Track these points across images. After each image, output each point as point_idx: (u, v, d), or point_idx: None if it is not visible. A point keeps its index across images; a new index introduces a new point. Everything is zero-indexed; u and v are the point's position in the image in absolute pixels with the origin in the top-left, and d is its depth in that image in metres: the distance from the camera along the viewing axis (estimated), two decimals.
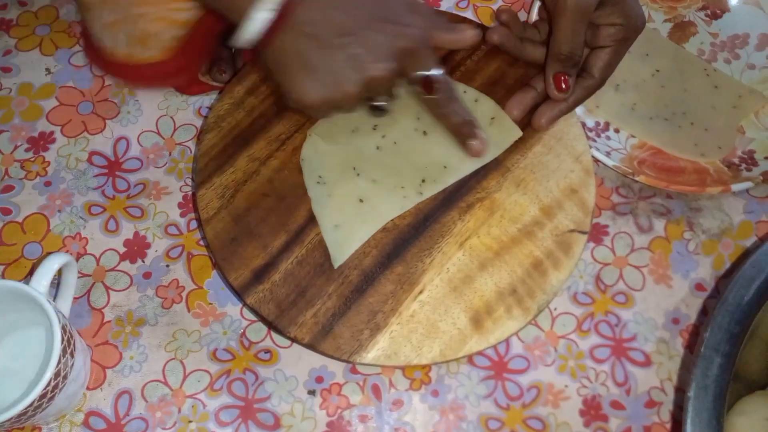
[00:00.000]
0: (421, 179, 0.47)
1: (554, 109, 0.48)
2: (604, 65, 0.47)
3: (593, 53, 0.47)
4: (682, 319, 0.49)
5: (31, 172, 0.53)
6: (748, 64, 0.56)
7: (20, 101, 0.56)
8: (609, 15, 0.45)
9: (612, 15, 0.45)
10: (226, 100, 0.50)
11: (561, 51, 0.46)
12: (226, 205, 0.47)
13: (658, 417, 0.46)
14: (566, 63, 0.46)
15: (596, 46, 0.46)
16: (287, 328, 0.44)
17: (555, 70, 0.46)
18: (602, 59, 0.46)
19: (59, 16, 0.59)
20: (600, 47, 0.46)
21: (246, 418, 0.46)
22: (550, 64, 0.46)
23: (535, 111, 0.48)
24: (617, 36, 0.45)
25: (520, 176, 0.47)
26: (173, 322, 0.48)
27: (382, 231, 0.46)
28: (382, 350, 0.43)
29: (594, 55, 0.47)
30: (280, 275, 0.45)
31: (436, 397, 0.46)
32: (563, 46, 0.45)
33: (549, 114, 0.48)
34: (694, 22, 0.58)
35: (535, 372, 0.47)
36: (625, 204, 0.52)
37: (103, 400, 0.46)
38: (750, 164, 0.52)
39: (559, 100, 0.47)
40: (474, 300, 0.44)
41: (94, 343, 0.48)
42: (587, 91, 0.47)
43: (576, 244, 0.46)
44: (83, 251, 0.51)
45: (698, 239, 0.51)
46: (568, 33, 0.45)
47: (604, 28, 0.46)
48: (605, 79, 0.47)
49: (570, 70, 0.46)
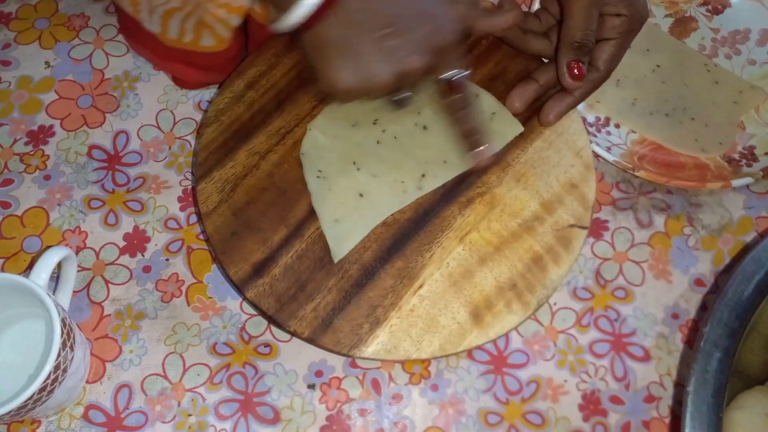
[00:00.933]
0: (422, 174, 0.47)
1: (561, 103, 0.47)
2: (610, 58, 0.46)
3: (598, 46, 0.46)
4: (682, 315, 0.49)
5: (30, 165, 0.53)
6: (749, 59, 0.56)
7: (19, 94, 0.56)
8: (615, 5, 0.45)
9: (618, 5, 0.44)
10: (226, 94, 0.50)
11: (574, 38, 0.45)
12: (226, 199, 0.47)
13: (657, 412, 0.46)
14: (580, 50, 0.45)
15: (601, 38, 0.46)
16: (287, 322, 0.44)
17: (569, 58, 0.46)
18: (607, 52, 0.46)
19: (58, 9, 0.59)
20: (605, 39, 0.46)
21: (246, 412, 0.46)
22: (563, 52, 0.46)
23: (542, 107, 0.48)
24: (622, 27, 0.45)
25: (521, 171, 0.47)
26: (173, 315, 0.48)
27: (382, 225, 0.46)
28: (382, 344, 0.43)
29: (599, 48, 0.46)
30: (280, 269, 0.45)
31: (436, 391, 0.46)
32: (577, 33, 0.45)
33: (557, 109, 0.47)
34: (695, 17, 0.58)
35: (534, 366, 0.47)
36: (626, 199, 0.52)
37: (102, 394, 0.46)
38: (750, 160, 0.52)
39: (572, 90, 0.47)
40: (474, 294, 0.44)
41: (93, 336, 0.48)
42: (593, 84, 0.47)
43: (576, 239, 0.46)
44: (83, 245, 0.50)
45: (698, 235, 0.51)
46: (581, 19, 0.45)
47: (609, 19, 0.45)
48: (611, 71, 0.47)
49: (583, 58, 0.46)
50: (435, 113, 0.49)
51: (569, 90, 0.47)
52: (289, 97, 0.50)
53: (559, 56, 0.46)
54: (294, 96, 0.50)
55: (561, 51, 0.46)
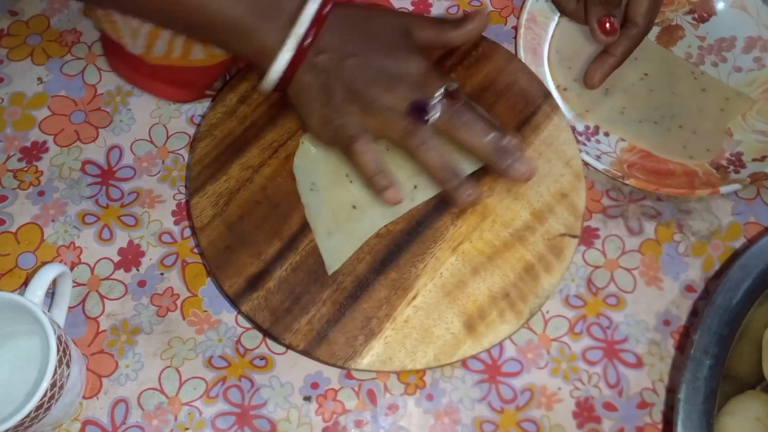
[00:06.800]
0: (414, 185, 0.47)
1: (604, 64, 0.48)
2: (646, 10, 0.46)
3: (631, 2, 0.46)
4: (673, 321, 0.49)
5: (24, 181, 0.53)
6: (735, 66, 0.57)
7: (12, 111, 0.56)
8: None
9: None
10: (218, 109, 0.50)
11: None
12: (219, 213, 0.47)
13: (650, 418, 0.46)
14: (608, 4, 0.45)
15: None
16: (282, 335, 0.44)
17: (598, 15, 0.46)
18: (643, 4, 0.46)
19: (50, 25, 0.59)
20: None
21: (242, 425, 0.46)
22: (592, 9, 0.46)
23: (587, 71, 0.48)
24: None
25: (512, 181, 0.48)
26: (168, 330, 0.49)
27: (376, 237, 0.46)
28: (377, 356, 0.43)
29: (634, 3, 0.46)
30: (275, 282, 0.45)
31: (431, 401, 0.47)
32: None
33: (601, 70, 0.48)
34: (681, 25, 0.59)
35: (528, 375, 0.47)
36: (616, 207, 0.52)
37: (99, 409, 0.46)
38: (738, 166, 0.52)
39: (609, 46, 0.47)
40: (467, 305, 0.45)
41: (89, 352, 0.48)
42: (633, 40, 0.47)
43: (567, 248, 0.46)
44: (77, 260, 0.51)
45: (688, 241, 0.51)
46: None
47: None
48: (650, 25, 0.47)
49: (614, 11, 0.45)
50: None
51: (609, 49, 0.47)
52: (281, 111, 0.50)
53: (588, 15, 0.46)
54: (286, 109, 0.50)
55: (589, 9, 0.46)
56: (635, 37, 0.47)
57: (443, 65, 0.51)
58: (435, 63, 0.45)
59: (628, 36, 0.47)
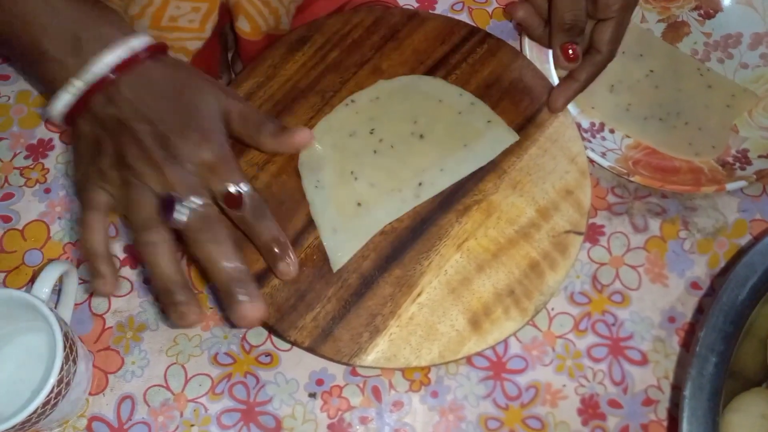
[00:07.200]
0: (418, 182, 0.47)
1: (569, 89, 0.48)
2: (610, 38, 0.46)
3: (597, 27, 0.46)
4: (678, 318, 0.49)
5: (30, 179, 0.53)
6: (741, 63, 0.57)
7: (18, 109, 0.56)
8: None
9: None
10: None
11: (564, 20, 0.45)
12: None
13: (655, 415, 0.46)
14: (571, 32, 0.45)
15: (598, 19, 0.46)
16: (287, 332, 0.44)
17: (561, 41, 0.46)
18: (606, 32, 0.46)
19: None
20: (602, 20, 0.46)
21: (248, 422, 0.46)
22: (555, 35, 0.46)
23: (550, 94, 0.49)
24: (617, 5, 0.45)
25: (517, 178, 0.48)
26: (174, 326, 0.49)
27: (380, 234, 0.46)
28: (382, 353, 0.43)
29: (598, 30, 0.46)
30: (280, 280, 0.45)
31: (436, 398, 0.47)
32: (566, 15, 0.45)
33: (564, 95, 0.48)
34: (687, 22, 0.59)
35: (533, 372, 0.47)
36: (621, 204, 0.52)
37: (105, 406, 0.47)
38: (744, 163, 0.52)
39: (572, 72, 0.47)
40: (472, 302, 0.45)
41: (95, 348, 0.48)
42: (597, 67, 0.47)
43: (572, 245, 0.46)
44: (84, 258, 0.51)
45: (693, 238, 0.51)
46: (568, 0, 0.45)
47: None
48: (613, 52, 0.47)
49: (576, 39, 0.46)
50: (431, 122, 0.49)
51: (573, 74, 0.47)
52: (286, 108, 0.50)
53: (552, 41, 0.47)
54: (291, 107, 0.50)
55: (553, 35, 0.46)
56: (599, 63, 0.47)
57: (448, 62, 0.51)
58: (235, 154, 0.41)
59: (592, 62, 0.47)
